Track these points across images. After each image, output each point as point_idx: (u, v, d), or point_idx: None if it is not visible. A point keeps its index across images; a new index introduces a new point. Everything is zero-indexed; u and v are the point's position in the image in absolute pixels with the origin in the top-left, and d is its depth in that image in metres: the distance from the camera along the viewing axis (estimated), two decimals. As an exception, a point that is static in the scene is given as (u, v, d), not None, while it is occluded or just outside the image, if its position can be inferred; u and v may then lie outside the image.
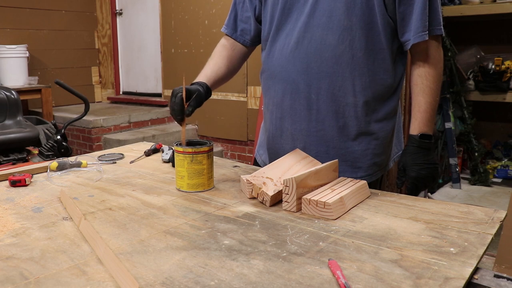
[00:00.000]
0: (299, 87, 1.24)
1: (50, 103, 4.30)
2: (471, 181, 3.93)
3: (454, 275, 0.72)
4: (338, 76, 1.20)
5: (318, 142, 1.27)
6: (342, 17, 1.17)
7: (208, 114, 4.29)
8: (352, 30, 1.17)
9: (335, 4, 1.17)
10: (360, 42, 1.18)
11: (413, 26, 1.17)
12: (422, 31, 1.17)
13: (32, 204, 1.06)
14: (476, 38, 4.12)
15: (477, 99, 3.94)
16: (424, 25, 1.16)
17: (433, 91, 1.21)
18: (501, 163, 4.05)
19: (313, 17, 1.20)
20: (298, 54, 1.23)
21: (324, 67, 1.21)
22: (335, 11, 1.17)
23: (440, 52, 1.23)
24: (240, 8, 1.39)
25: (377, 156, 1.28)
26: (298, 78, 1.24)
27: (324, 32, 1.19)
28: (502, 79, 3.72)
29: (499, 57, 3.72)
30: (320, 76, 1.22)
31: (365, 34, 1.18)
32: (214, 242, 0.85)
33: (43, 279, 0.71)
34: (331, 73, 1.21)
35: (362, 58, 1.19)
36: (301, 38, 1.22)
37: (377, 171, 1.30)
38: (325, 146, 1.27)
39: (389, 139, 1.32)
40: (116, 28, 5.24)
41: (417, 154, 1.20)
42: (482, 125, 4.24)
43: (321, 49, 1.20)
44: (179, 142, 1.17)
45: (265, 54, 1.34)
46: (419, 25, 1.16)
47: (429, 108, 1.21)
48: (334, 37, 1.18)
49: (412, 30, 1.18)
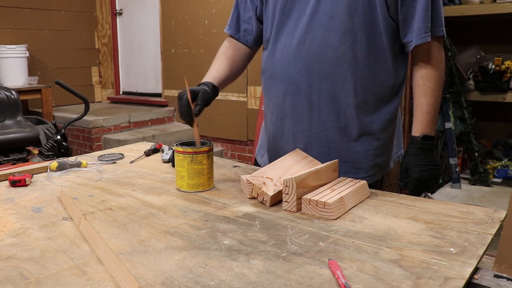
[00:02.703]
0: (301, 88, 1.24)
1: (50, 103, 4.30)
2: (471, 181, 3.93)
3: (454, 275, 0.72)
4: (340, 77, 1.20)
5: (319, 142, 1.27)
6: (344, 18, 1.16)
7: (208, 114, 4.26)
8: (354, 31, 1.17)
9: (337, 5, 1.16)
10: (361, 43, 1.18)
11: (415, 28, 1.17)
12: (425, 33, 1.17)
13: (32, 204, 1.06)
14: (476, 38, 4.12)
15: (477, 99, 3.93)
16: (426, 27, 1.16)
17: (435, 92, 1.21)
18: (501, 163, 4.05)
19: (314, 18, 1.19)
20: (300, 55, 1.23)
21: (325, 68, 1.21)
22: (337, 12, 1.17)
23: (442, 54, 1.23)
24: (242, 9, 1.39)
25: (379, 156, 1.28)
26: (300, 79, 1.24)
27: (325, 33, 1.19)
28: (502, 79, 3.72)
29: (499, 57, 3.72)
30: (322, 77, 1.21)
31: (366, 35, 1.18)
32: (214, 242, 0.85)
33: (43, 279, 0.71)
34: (332, 74, 1.21)
35: (363, 59, 1.19)
36: (303, 39, 1.22)
37: (378, 172, 1.30)
38: (326, 147, 1.26)
39: (390, 140, 1.32)
40: (116, 28, 5.24)
41: (419, 156, 1.20)
42: (482, 125, 4.24)
43: (323, 50, 1.20)
44: (179, 142, 1.17)
45: (266, 54, 1.34)
46: (421, 26, 1.16)
47: (431, 109, 1.21)
48: (335, 38, 1.18)
49: (415, 31, 1.18)
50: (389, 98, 1.26)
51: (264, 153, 1.45)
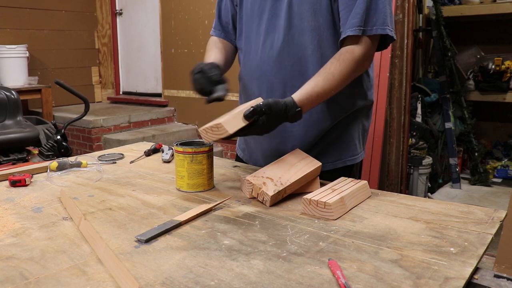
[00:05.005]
0: (274, 85, 1.30)
1: (50, 103, 4.30)
2: (471, 181, 3.93)
3: (454, 275, 0.72)
4: (310, 73, 1.23)
5: (293, 137, 1.32)
6: (310, 18, 1.23)
7: (208, 114, 4.28)
8: (320, 30, 1.23)
9: (303, 6, 1.23)
10: (327, 40, 1.24)
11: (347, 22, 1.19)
12: (354, 27, 1.17)
13: (32, 204, 1.06)
14: (476, 38, 4.12)
15: (477, 99, 3.94)
16: (353, 22, 1.17)
17: (334, 80, 1.17)
18: (501, 163, 4.06)
19: (283, 19, 1.25)
20: (272, 55, 1.29)
21: (296, 66, 1.27)
22: (304, 13, 1.23)
23: (362, 53, 1.19)
24: (222, 14, 1.46)
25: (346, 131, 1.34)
26: (273, 77, 1.30)
27: (296, 33, 1.25)
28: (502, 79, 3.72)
29: (499, 57, 3.73)
30: (293, 75, 1.28)
31: (331, 33, 1.24)
32: (214, 242, 0.85)
33: (43, 279, 0.71)
34: (303, 71, 1.27)
35: (330, 55, 1.22)
36: (275, 39, 1.28)
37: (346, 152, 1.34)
38: (300, 141, 1.32)
39: (353, 133, 1.36)
40: (116, 28, 5.24)
41: (278, 116, 1.10)
42: (482, 125, 4.24)
43: (294, 49, 1.26)
44: (179, 142, 1.17)
45: (242, 54, 1.40)
46: (352, 22, 1.17)
47: (320, 92, 1.16)
48: (304, 37, 1.25)
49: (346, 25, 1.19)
50: (358, 92, 1.31)
51: (245, 148, 1.51)
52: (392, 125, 3.12)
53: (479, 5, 3.75)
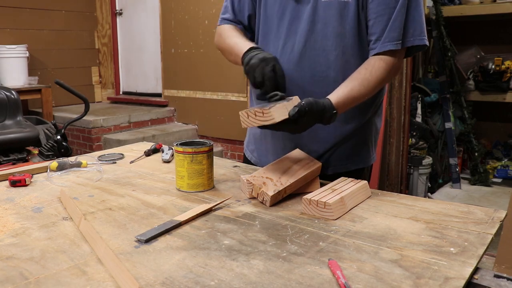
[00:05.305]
0: (292, 89, 1.25)
1: (50, 103, 4.30)
2: (471, 181, 3.93)
3: (454, 275, 0.72)
4: (331, 80, 1.22)
5: (308, 140, 1.29)
6: (335, 24, 1.20)
7: (208, 114, 4.29)
8: (345, 37, 1.21)
9: (330, 12, 1.20)
10: (353, 48, 1.22)
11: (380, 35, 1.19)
12: (389, 41, 1.18)
13: (32, 204, 1.06)
14: (476, 38, 4.13)
15: (477, 99, 3.94)
16: (391, 36, 1.17)
17: (369, 86, 1.18)
18: (501, 163, 4.06)
19: (305, 22, 1.22)
20: (293, 58, 1.25)
21: (317, 72, 1.24)
22: (329, 18, 1.20)
23: (393, 66, 1.21)
24: (236, 3, 1.36)
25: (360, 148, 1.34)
26: (292, 81, 1.25)
27: (319, 39, 1.22)
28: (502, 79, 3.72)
29: (499, 57, 3.73)
30: (313, 80, 1.25)
31: (357, 41, 1.22)
32: (214, 242, 0.85)
33: (43, 279, 0.71)
34: (324, 77, 1.24)
35: (354, 63, 1.22)
36: (297, 44, 1.25)
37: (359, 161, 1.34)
38: (316, 145, 1.31)
39: (368, 136, 1.37)
40: (116, 28, 5.24)
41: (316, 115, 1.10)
42: (482, 125, 4.25)
43: (315, 55, 1.23)
44: (179, 142, 1.17)
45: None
46: (387, 35, 1.17)
47: (356, 96, 1.16)
48: (328, 43, 1.22)
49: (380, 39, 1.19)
50: (372, 99, 1.30)
51: (254, 149, 1.48)
52: (392, 125, 3.12)
53: (479, 5, 3.75)
